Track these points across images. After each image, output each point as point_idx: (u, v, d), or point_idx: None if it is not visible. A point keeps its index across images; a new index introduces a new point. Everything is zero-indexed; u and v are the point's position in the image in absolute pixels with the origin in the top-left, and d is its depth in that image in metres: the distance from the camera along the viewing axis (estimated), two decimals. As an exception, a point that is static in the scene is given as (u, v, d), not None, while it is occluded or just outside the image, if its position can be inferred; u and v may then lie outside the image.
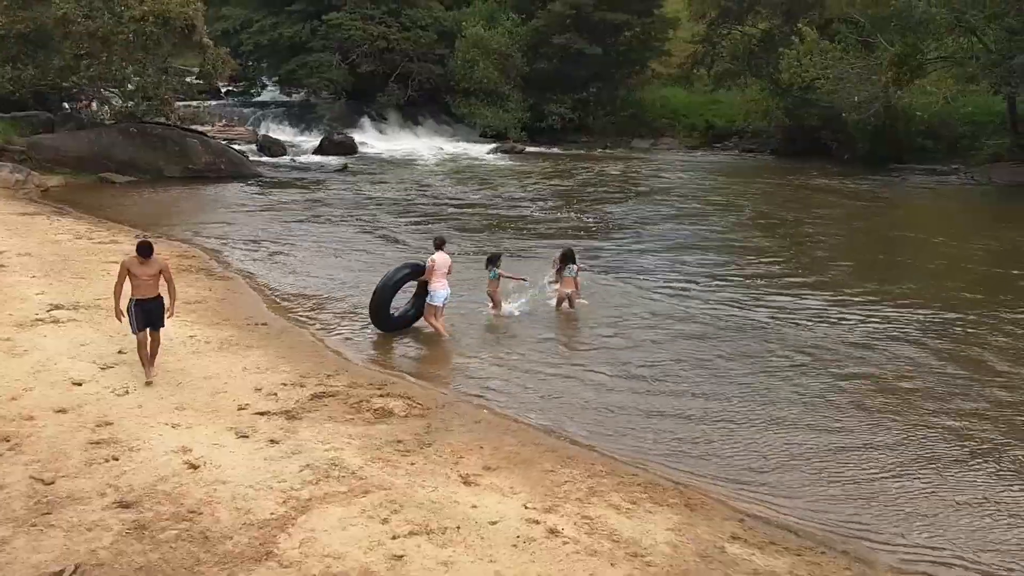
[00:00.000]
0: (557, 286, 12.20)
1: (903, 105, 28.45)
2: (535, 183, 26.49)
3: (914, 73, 27.49)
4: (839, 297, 13.08)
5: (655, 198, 24.02)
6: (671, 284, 13.92)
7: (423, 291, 11.09)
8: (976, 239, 18.24)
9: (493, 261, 11.94)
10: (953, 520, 6.62)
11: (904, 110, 29.39)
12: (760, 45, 36.03)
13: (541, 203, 22.57)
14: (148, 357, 8.69)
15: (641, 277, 14.36)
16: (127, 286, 8.65)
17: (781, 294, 13.31)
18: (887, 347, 10.66)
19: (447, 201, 22.80)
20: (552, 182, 26.88)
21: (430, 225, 18.97)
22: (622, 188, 25.90)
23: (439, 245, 11.20)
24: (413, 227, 18.67)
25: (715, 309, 12.36)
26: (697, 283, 13.99)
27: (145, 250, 8.61)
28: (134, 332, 8.60)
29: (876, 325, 11.58)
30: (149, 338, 8.71)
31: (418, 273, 11.11)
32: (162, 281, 8.76)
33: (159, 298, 8.72)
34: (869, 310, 12.31)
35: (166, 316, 8.86)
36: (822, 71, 29.02)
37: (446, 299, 10.98)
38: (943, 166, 29.79)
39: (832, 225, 20.20)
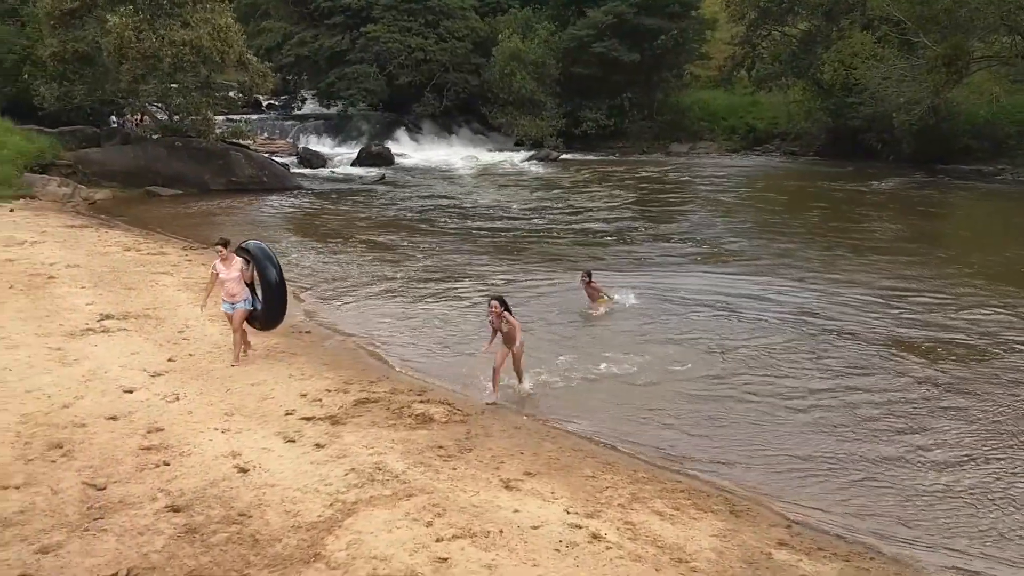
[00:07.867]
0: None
1: (950, 105, 27.84)
2: (579, 192, 26.40)
3: (961, 73, 27.04)
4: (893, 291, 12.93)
5: (713, 205, 23.75)
6: (721, 296, 13.68)
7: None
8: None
9: None
10: (1006, 529, 6.47)
11: (950, 110, 28.78)
12: (801, 46, 35.59)
13: (591, 213, 22.36)
14: None
15: (693, 291, 14.04)
16: None
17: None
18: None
19: (488, 211, 22.82)
20: (597, 190, 26.73)
21: (471, 235, 19.03)
22: (677, 195, 25.61)
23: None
24: (454, 236, 18.78)
25: (776, 319, 12.23)
26: (751, 294, 13.73)
27: None
28: None
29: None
30: None
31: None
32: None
33: None
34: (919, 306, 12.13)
35: None
36: (867, 71, 28.60)
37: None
38: (989, 167, 29.18)
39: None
